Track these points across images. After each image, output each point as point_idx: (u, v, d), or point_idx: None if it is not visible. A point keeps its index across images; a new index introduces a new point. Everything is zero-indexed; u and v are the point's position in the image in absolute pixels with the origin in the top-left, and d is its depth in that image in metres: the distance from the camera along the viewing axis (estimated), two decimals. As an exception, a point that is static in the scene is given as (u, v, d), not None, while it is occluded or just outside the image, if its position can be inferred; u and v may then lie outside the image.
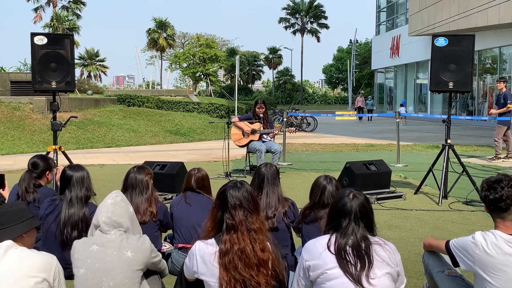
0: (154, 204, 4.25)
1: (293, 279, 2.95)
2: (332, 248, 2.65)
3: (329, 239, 2.69)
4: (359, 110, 32.58)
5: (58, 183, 4.37)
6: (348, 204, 2.72)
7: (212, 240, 2.77)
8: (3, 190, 4.65)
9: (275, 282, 2.76)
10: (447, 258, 3.15)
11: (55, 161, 5.05)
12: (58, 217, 4.04)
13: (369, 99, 34.72)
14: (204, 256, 2.73)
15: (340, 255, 2.62)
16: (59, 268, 2.71)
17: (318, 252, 2.68)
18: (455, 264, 2.87)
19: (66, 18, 50.08)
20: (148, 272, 3.20)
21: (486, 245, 2.69)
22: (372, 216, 2.78)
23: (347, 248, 2.63)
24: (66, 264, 3.27)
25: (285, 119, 12.00)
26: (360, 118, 31.18)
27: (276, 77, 66.36)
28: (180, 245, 4.27)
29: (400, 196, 7.23)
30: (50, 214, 4.11)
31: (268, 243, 2.82)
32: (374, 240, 2.70)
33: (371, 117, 31.74)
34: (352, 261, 2.60)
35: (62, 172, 4.18)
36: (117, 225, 2.96)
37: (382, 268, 2.62)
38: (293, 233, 4.17)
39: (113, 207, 2.99)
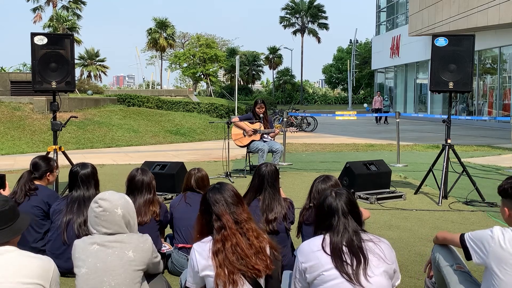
0: (157, 205, 4.30)
1: (290, 280, 2.97)
2: (327, 249, 2.66)
3: (323, 240, 2.70)
4: (377, 112, 28.04)
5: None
6: (333, 203, 2.76)
7: (209, 238, 2.84)
8: (3, 190, 4.65)
9: (274, 266, 2.82)
10: (458, 253, 3.16)
11: (56, 162, 5.06)
12: (68, 215, 4.19)
13: (386, 99, 30.64)
14: (202, 253, 2.78)
15: (335, 255, 2.63)
16: (56, 272, 2.57)
17: (313, 253, 2.69)
18: (468, 257, 2.88)
19: (66, 18, 50.08)
20: (153, 274, 3.21)
21: (503, 239, 2.71)
22: (358, 210, 2.82)
23: (342, 247, 2.64)
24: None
25: (285, 119, 12.00)
26: (378, 119, 27.86)
27: (276, 77, 66.35)
28: (180, 245, 4.27)
29: (400, 196, 7.23)
30: (59, 212, 4.24)
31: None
32: (368, 237, 2.72)
33: (383, 118, 27.99)
34: (348, 261, 2.61)
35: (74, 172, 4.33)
36: (111, 234, 2.93)
37: (378, 266, 2.62)
38: (291, 233, 4.17)
39: (98, 219, 2.90)
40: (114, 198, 2.95)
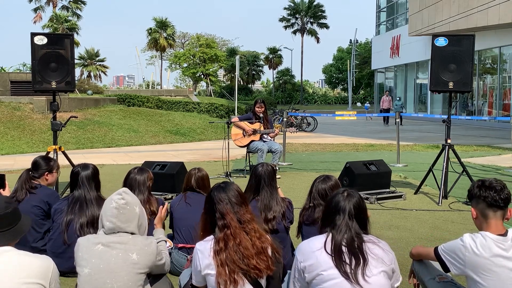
0: (155, 203, 4.30)
1: (288, 280, 2.97)
2: (328, 248, 2.66)
3: (325, 239, 2.71)
4: (386, 112, 26.77)
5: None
6: (342, 202, 2.77)
7: (211, 237, 2.85)
8: (3, 190, 4.65)
9: (275, 268, 2.83)
10: (436, 264, 3.14)
11: (58, 163, 5.06)
12: (69, 215, 4.18)
13: (398, 99, 28.17)
14: (204, 251, 2.79)
15: (336, 255, 2.63)
16: (56, 271, 2.56)
17: (312, 253, 2.69)
18: (446, 269, 2.88)
19: (66, 19, 50.08)
20: (158, 276, 3.20)
21: (475, 246, 2.71)
22: (365, 216, 2.81)
23: (342, 247, 2.65)
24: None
25: (285, 119, 12.00)
26: (387, 121, 26.97)
27: (276, 77, 66.35)
28: (180, 245, 4.27)
29: (400, 196, 7.23)
30: (61, 212, 4.23)
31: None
32: (367, 238, 2.73)
33: (389, 119, 26.63)
34: (347, 260, 2.61)
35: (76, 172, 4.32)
36: (122, 230, 2.93)
37: (377, 266, 2.63)
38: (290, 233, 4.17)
39: (117, 211, 2.91)
40: (134, 196, 3.05)
